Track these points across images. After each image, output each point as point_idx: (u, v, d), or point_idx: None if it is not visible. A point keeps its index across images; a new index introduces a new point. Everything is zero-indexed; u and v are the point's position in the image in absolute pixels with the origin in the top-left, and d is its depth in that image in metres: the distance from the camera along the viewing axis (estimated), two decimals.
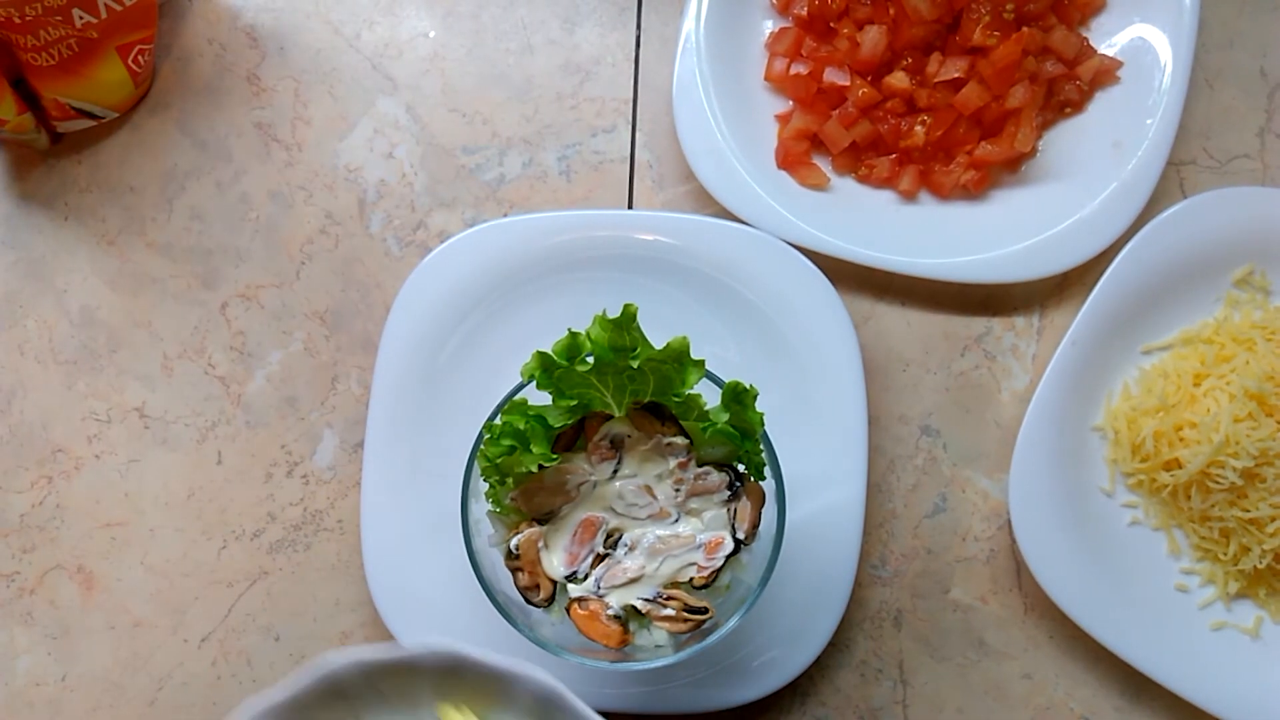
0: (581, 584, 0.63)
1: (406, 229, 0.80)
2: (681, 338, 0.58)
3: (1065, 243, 0.75)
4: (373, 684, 0.56)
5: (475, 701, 0.56)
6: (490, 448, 0.60)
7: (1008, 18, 0.76)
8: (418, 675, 0.56)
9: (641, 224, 0.75)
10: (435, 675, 0.56)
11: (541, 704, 0.55)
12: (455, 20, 0.83)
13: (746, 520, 0.62)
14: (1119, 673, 0.74)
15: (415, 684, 0.56)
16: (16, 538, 0.78)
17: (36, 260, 0.81)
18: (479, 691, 0.56)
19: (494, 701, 0.56)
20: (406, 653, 0.55)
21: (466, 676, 0.55)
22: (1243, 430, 0.69)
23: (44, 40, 0.74)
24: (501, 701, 0.56)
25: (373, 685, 0.56)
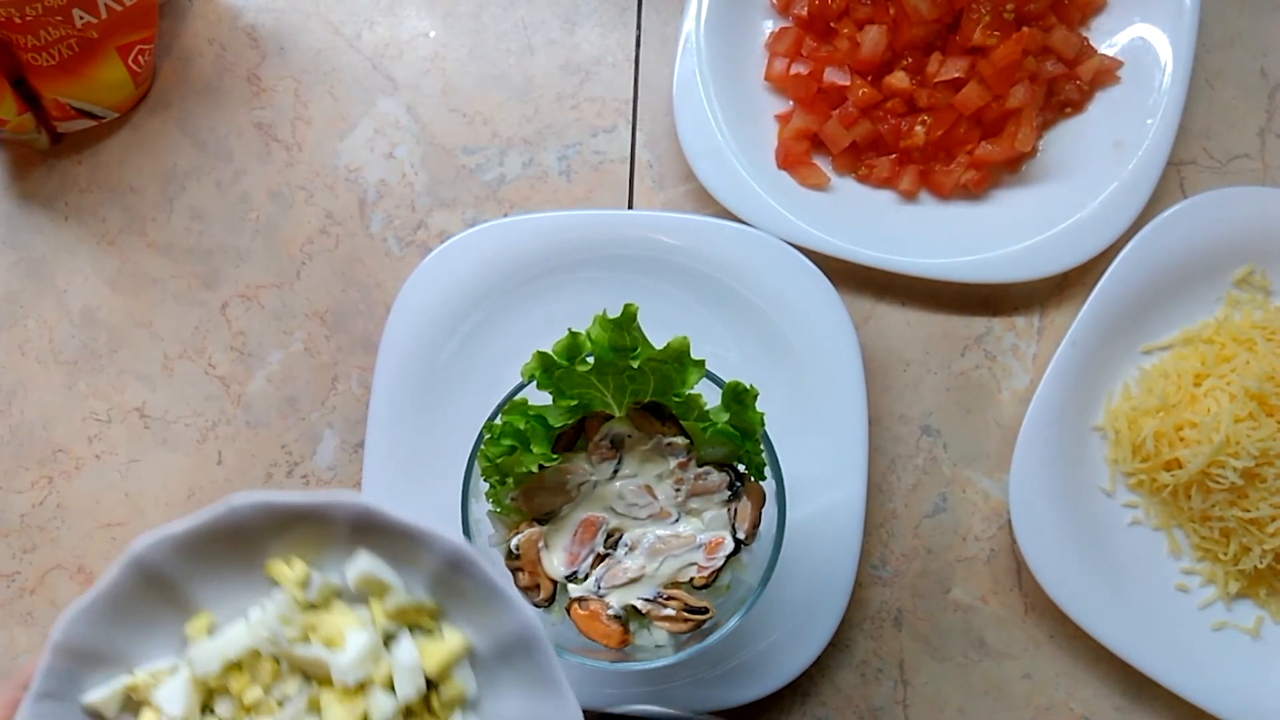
0: (582, 584, 0.63)
1: (407, 229, 0.80)
2: (682, 338, 0.58)
3: (1065, 243, 0.75)
4: (280, 529, 0.55)
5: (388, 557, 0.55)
6: (490, 448, 0.60)
7: (1008, 18, 0.76)
8: (328, 526, 0.55)
9: (642, 224, 0.75)
10: (347, 529, 0.55)
11: (450, 566, 0.54)
12: (456, 20, 0.83)
13: (747, 520, 0.62)
14: (1119, 673, 0.74)
15: (327, 535, 0.55)
16: (17, 537, 0.78)
17: (37, 260, 0.81)
18: (389, 550, 0.55)
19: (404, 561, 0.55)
20: (314, 500, 0.54)
21: (377, 533, 0.55)
22: (1243, 430, 0.69)
23: (44, 40, 0.74)
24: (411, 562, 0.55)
25: (280, 531, 0.55)
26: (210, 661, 0.55)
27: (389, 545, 0.56)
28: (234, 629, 0.56)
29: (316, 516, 0.55)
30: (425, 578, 0.56)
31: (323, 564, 0.57)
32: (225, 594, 0.57)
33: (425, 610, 0.57)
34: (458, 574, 0.55)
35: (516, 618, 0.54)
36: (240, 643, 0.55)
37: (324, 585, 0.56)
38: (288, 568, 0.56)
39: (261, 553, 0.56)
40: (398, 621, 0.56)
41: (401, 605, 0.56)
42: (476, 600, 0.55)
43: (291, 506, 0.54)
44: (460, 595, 0.55)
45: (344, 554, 0.56)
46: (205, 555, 0.55)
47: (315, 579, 0.56)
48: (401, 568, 0.56)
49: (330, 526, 0.55)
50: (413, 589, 0.56)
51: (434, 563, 0.55)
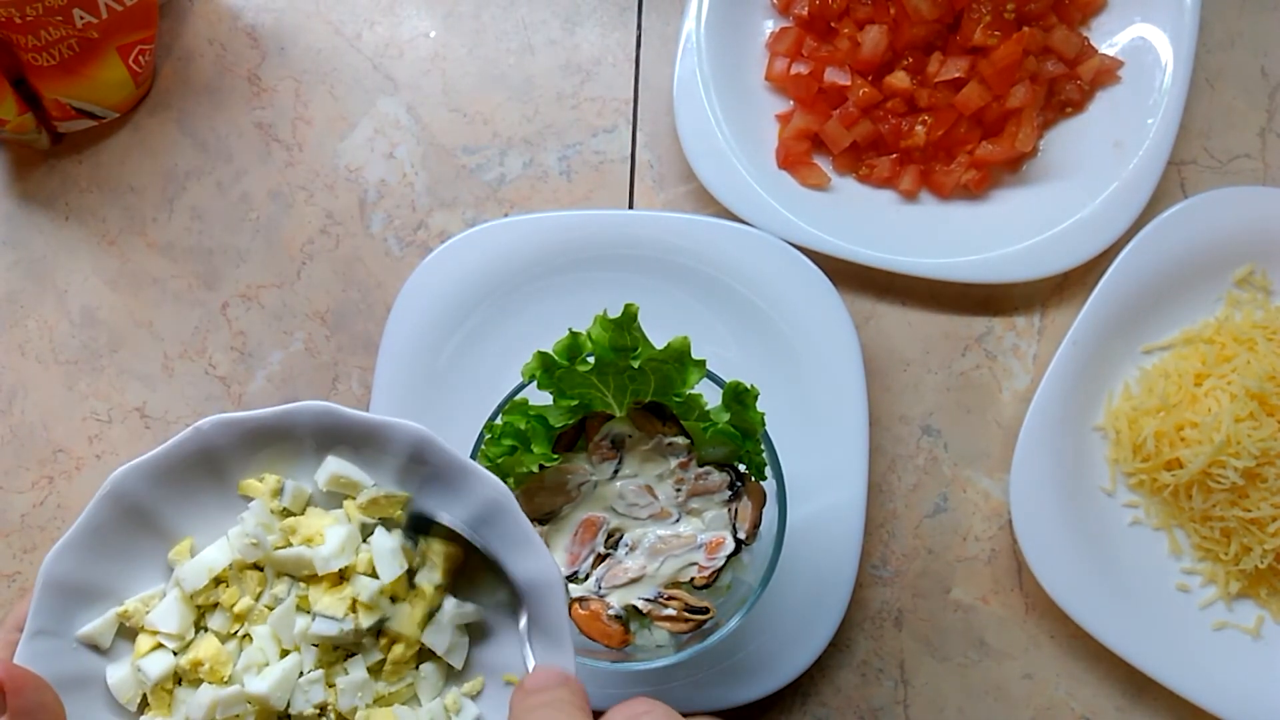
0: (582, 584, 0.63)
1: (407, 229, 0.80)
2: (682, 338, 0.58)
3: (1066, 242, 0.75)
4: (249, 449, 0.57)
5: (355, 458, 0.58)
6: (491, 448, 0.60)
7: (1008, 17, 0.76)
8: (294, 440, 0.57)
9: (642, 224, 0.75)
10: (312, 440, 0.57)
11: (414, 453, 0.57)
12: (456, 20, 0.83)
13: (747, 520, 0.62)
14: (1120, 672, 0.74)
15: (294, 449, 0.58)
16: (18, 537, 0.78)
17: (37, 260, 0.81)
18: (356, 449, 0.58)
19: (371, 457, 0.58)
20: (276, 411, 0.56)
21: (341, 437, 0.57)
22: (1244, 430, 0.69)
23: (45, 40, 0.74)
24: (378, 457, 0.58)
25: (249, 451, 0.57)
26: (198, 577, 0.57)
27: (354, 446, 0.58)
28: (216, 546, 0.58)
29: (281, 429, 0.57)
30: (392, 470, 0.58)
31: (295, 475, 0.59)
32: (204, 518, 0.58)
33: (397, 500, 0.59)
34: (422, 460, 0.57)
35: (485, 488, 0.56)
36: (224, 555, 0.57)
37: (297, 491, 0.58)
38: (259, 483, 0.58)
39: (234, 474, 0.58)
40: (372, 515, 0.58)
41: (374, 497, 0.58)
42: (444, 481, 0.57)
43: (256, 420, 0.56)
44: (429, 480, 0.58)
45: (313, 464, 0.58)
46: (179, 481, 0.57)
47: (288, 486, 0.58)
48: (368, 465, 0.58)
49: (296, 440, 0.58)
50: (382, 482, 0.58)
51: (399, 453, 0.57)
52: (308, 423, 0.57)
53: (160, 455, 0.56)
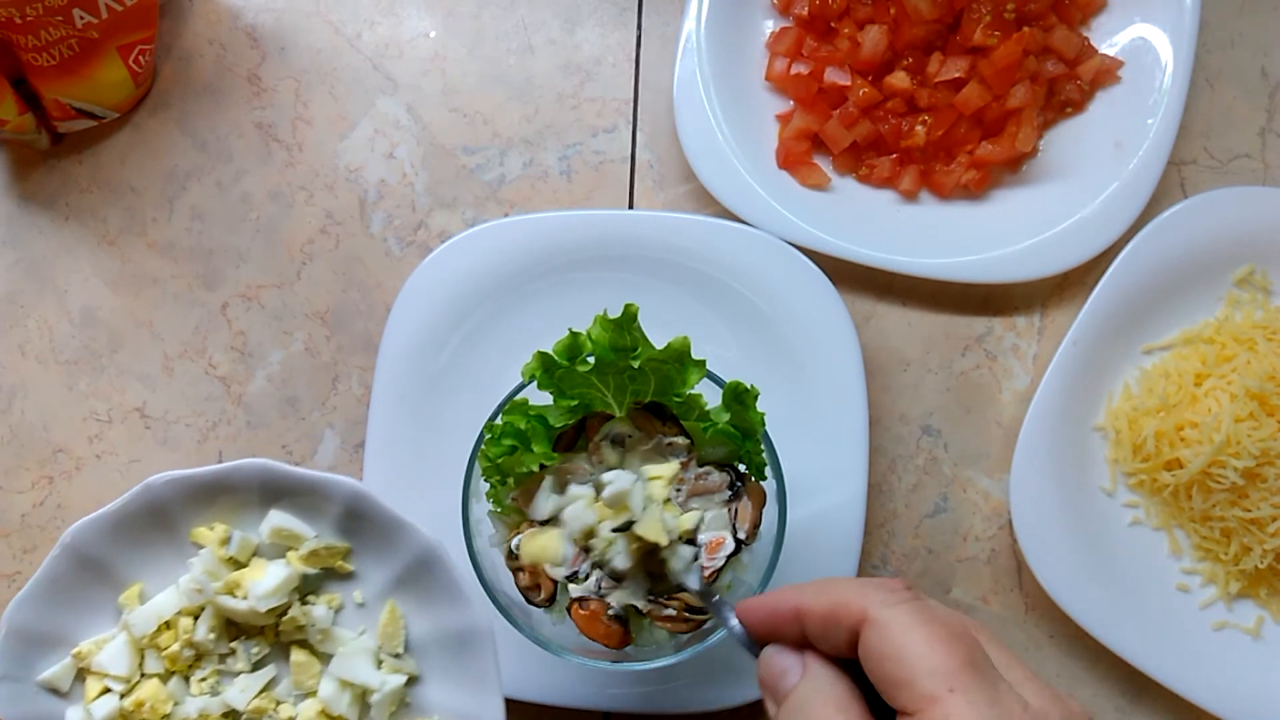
0: (582, 584, 0.62)
1: (407, 229, 0.80)
2: (682, 338, 0.58)
3: (1066, 242, 0.75)
4: (198, 503, 0.63)
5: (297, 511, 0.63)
6: (491, 448, 0.60)
7: (1008, 17, 0.76)
8: (239, 493, 0.63)
9: (642, 224, 0.75)
10: (257, 494, 0.63)
11: (351, 508, 0.62)
12: (456, 20, 0.83)
13: (748, 520, 0.62)
14: (1120, 673, 0.74)
15: (240, 502, 0.63)
16: (18, 537, 0.78)
17: (37, 260, 0.81)
18: (296, 503, 0.63)
19: (311, 513, 0.63)
20: (221, 468, 0.62)
21: (283, 491, 0.62)
22: (1244, 430, 0.69)
23: (45, 40, 0.74)
24: (317, 512, 0.63)
25: (198, 504, 0.63)
26: (147, 623, 0.62)
27: (296, 500, 0.63)
28: (166, 593, 0.63)
29: (227, 484, 0.62)
30: (332, 523, 0.63)
31: (242, 527, 0.64)
32: (154, 566, 0.64)
33: (337, 551, 0.64)
34: (359, 514, 0.62)
35: (417, 540, 0.61)
36: (173, 602, 0.62)
37: (243, 541, 0.63)
38: (209, 531, 0.63)
39: (184, 526, 0.63)
40: (313, 565, 0.64)
41: (314, 549, 0.63)
42: (380, 534, 0.62)
43: (202, 476, 0.62)
44: (366, 532, 0.63)
45: (259, 517, 0.64)
46: (131, 534, 0.63)
47: (235, 536, 0.63)
48: (310, 518, 0.64)
49: (241, 493, 0.63)
50: (323, 534, 0.64)
51: (337, 508, 0.62)
52: (251, 478, 0.62)
53: (113, 510, 0.61)
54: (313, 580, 0.64)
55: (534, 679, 0.71)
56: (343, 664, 0.65)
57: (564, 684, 0.72)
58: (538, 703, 0.72)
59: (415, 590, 0.63)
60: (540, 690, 0.71)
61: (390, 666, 0.66)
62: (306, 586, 0.64)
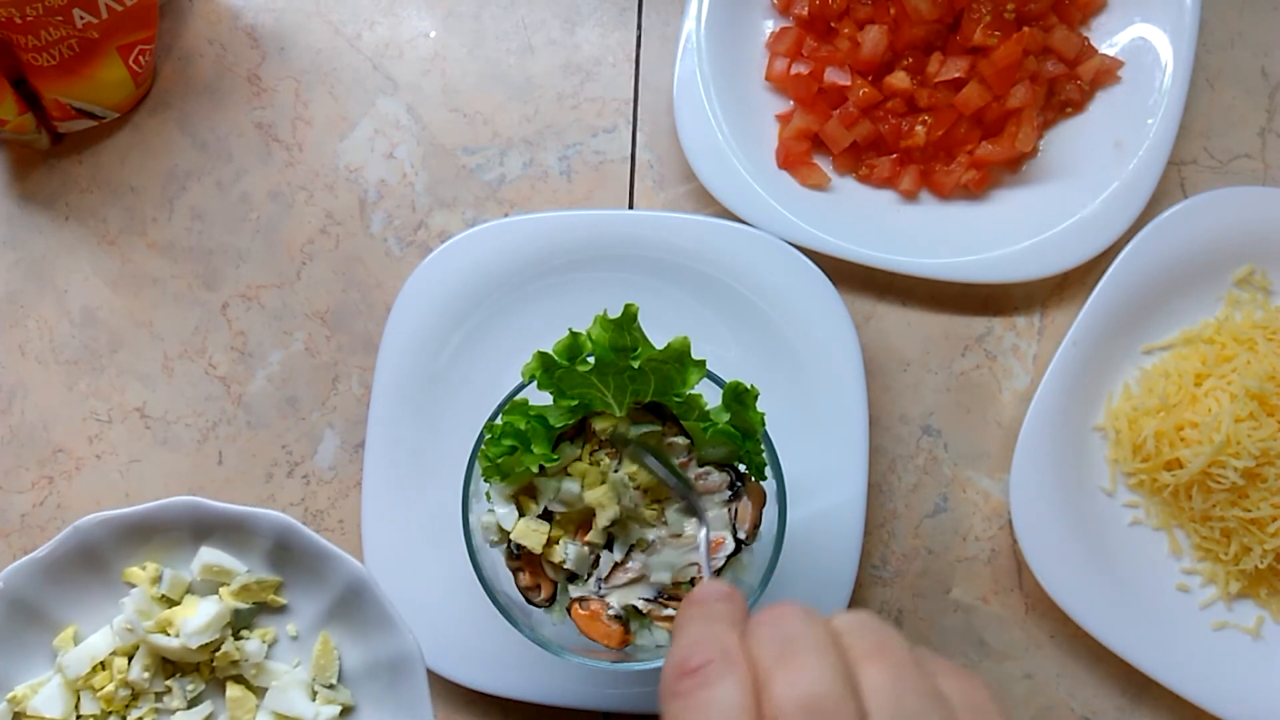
0: (583, 584, 0.63)
1: (407, 229, 0.80)
2: (683, 338, 0.58)
3: (1066, 242, 0.75)
4: (129, 542, 0.63)
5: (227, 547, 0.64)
6: (491, 448, 0.60)
7: (1008, 17, 0.76)
8: (169, 531, 0.63)
9: (642, 224, 0.75)
10: (188, 531, 0.63)
11: (280, 541, 0.62)
12: (456, 20, 0.83)
13: (747, 520, 0.62)
14: (1120, 673, 0.74)
15: (172, 541, 0.63)
16: (18, 538, 0.78)
17: (37, 260, 0.81)
18: (227, 539, 0.63)
19: (241, 547, 0.64)
20: (149, 507, 0.62)
21: (212, 527, 0.63)
22: (1244, 430, 0.69)
23: (45, 40, 0.74)
24: (248, 545, 0.63)
25: (129, 544, 0.63)
26: (80, 664, 0.62)
27: (225, 536, 0.64)
28: (99, 634, 0.63)
29: (157, 522, 0.63)
30: (263, 556, 0.64)
31: (174, 565, 0.64)
32: (88, 607, 0.64)
33: (269, 585, 0.65)
34: (289, 546, 0.63)
35: (347, 570, 0.62)
36: (106, 642, 0.63)
37: (175, 579, 0.64)
38: (141, 570, 0.63)
39: (116, 565, 0.64)
40: (245, 599, 0.64)
41: (246, 584, 0.64)
42: (311, 565, 0.63)
43: (132, 516, 0.62)
44: (296, 564, 0.63)
45: (191, 554, 0.64)
46: (63, 576, 0.63)
47: (166, 574, 0.63)
48: (241, 553, 0.64)
49: (172, 531, 0.63)
50: (255, 569, 0.64)
51: (266, 542, 0.63)
52: (180, 516, 0.63)
53: (43, 553, 0.62)
54: (245, 615, 0.65)
55: (534, 679, 0.71)
56: (277, 697, 0.65)
57: (564, 684, 0.72)
58: (538, 703, 0.72)
59: (347, 620, 0.64)
60: (540, 690, 0.71)
61: (324, 698, 0.66)
62: (240, 621, 0.65)
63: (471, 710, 0.74)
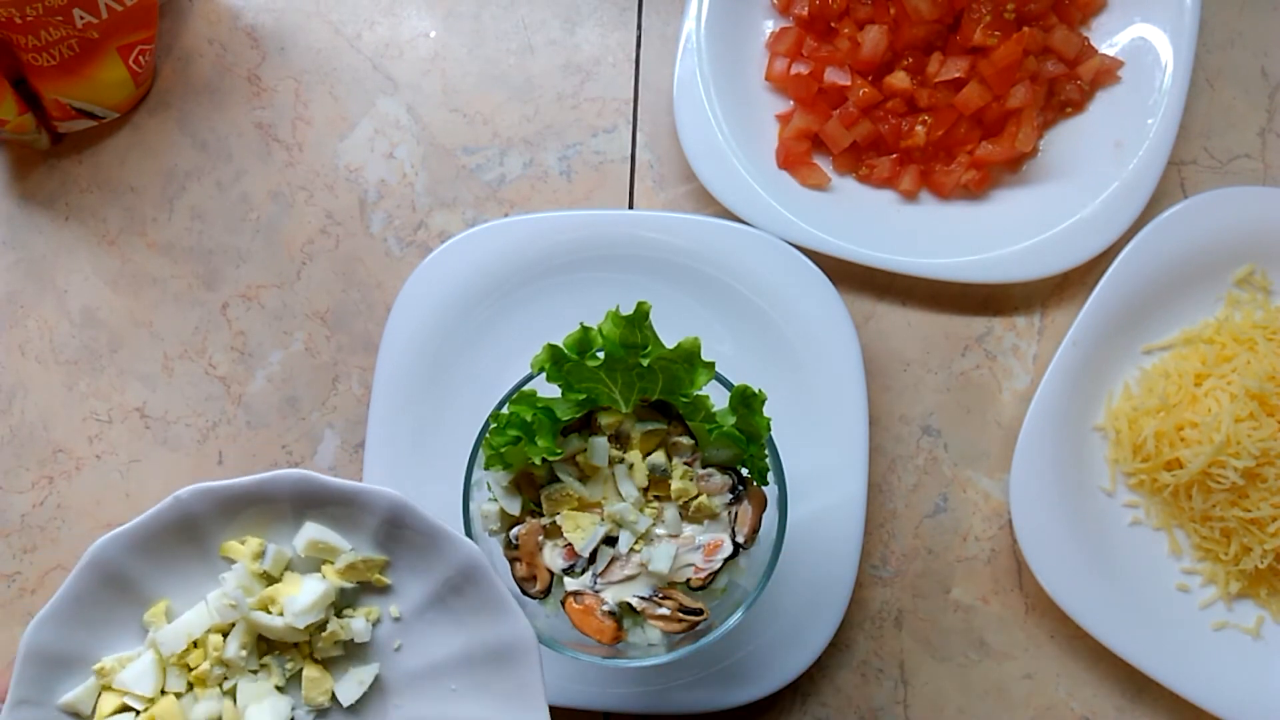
0: (578, 578, 0.63)
1: (407, 229, 0.80)
2: (693, 338, 0.58)
3: (1066, 242, 0.75)
4: (228, 515, 0.59)
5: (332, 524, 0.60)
6: (495, 437, 0.60)
7: (1008, 18, 0.76)
8: (272, 504, 0.59)
9: (642, 224, 0.75)
10: (290, 505, 0.59)
11: (391, 519, 0.59)
12: (456, 20, 0.83)
13: (747, 524, 0.62)
14: (1120, 672, 0.74)
15: (273, 514, 0.60)
16: (18, 537, 0.78)
17: (37, 260, 0.81)
18: (333, 515, 0.60)
19: (348, 523, 0.60)
20: (255, 479, 0.58)
21: (319, 502, 0.59)
22: (1244, 430, 0.69)
23: (45, 41, 0.74)
24: (356, 521, 0.60)
25: (228, 517, 0.59)
26: (176, 641, 0.58)
27: (332, 512, 0.60)
28: (195, 610, 0.59)
29: (260, 496, 0.59)
30: (370, 535, 0.60)
31: (274, 539, 0.60)
32: (183, 582, 0.60)
33: (375, 564, 0.61)
34: (399, 525, 0.59)
35: (460, 552, 0.58)
36: (203, 619, 0.59)
37: (277, 555, 0.60)
38: (241, 545, 0.60)
39: (214, 540, 0.60)
40: (350, 579, 0.60)
41: (351, 562, 0.60)
42: (421, 545, 0.59)
43: (235, 488, 0.58)
44: (406, 544, 0.60)
45: (292, 530, 0.60)
46: (159, 549, 0.59)
47: (270, 549, 0.60)
48: (346, 530, 0.60)
49: (275, 504, 0.59)
50: (360, 547, 0.60)
51: (375, 519, 0.59)
52: (286, 490, 0.59)
53: (140, 524, 0.58)
54: (349, 594, 0.62)
55: None
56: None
57: (563, 684, 0.72)
58: None
59: (455, 602, 0.60)
60: None
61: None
62: (342, 601, 0.61)
63: None
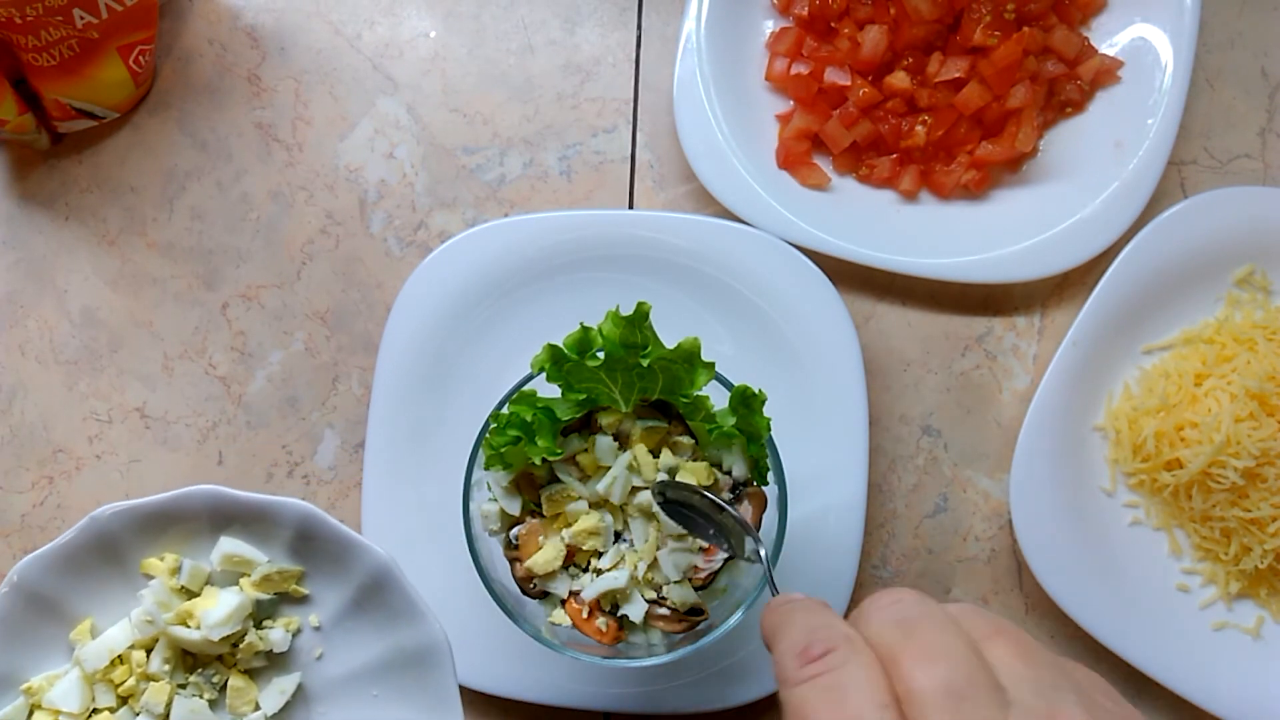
0: (579, 578, 0.62)
1: (407, 229, 0.80)
2: (693, 339, 0.58)
3: (1066, 242, 0.75)
4: (146, 533, 0.61)
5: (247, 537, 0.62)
6: (495, 437, 0.60)
7: (1008, 18, 0.76)
8: (188, 521, 0.61)
9: (642, 224, 0.75)
10: (206, 521, 0.61)
11: (302, 530, 0.60)
12: (456, 20, 0.83)
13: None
14: (1120, 672, 0.74)
15: (190, 531, 0.61)
16: (18, 538, 0.78)
17: (37, 260, 0.81)
18: (247, 529, 0.61)
19: (262, 535, 0.62)
20: (168, 496, 0.60)
21: (232, 517, 0.61)
22: (1244, 430, 0.69)
23: (45, 41, 0.74)
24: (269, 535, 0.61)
25: (147, 534, 0.61)
26: (99, 657, 0.60)
27: (246, 526, 0.61)
28: (117, 626, 0.61)
29: (175, 513, 0.60)
30: (285, 546, 0.62)
31: (193, 555, 0.62)
32: (106, 600, 0.62)
33: (290, 575, 0.63)
34: (310, 535, 0.61)
35: (370, 559, 0.60)
36: (125, 635, 0.61)
37: (194, 570, 0.62)
38: (159, 561, 0.61)
39: (134, 557, 0.62)
40: (266, 590, 0.62)
41: (267, 574, 0.62)
42: (334, 554, 0.61)
43: (148, 506, 0.60)
44: (320, 553, 0.61)
45: (210, 544, 0.62)
46: (79, 568, 0.61)
47: (186, 565, 0.61)
48: (262, 543, 0.62)
49: (190, 521, 0.61)
50: (276, 558, 0.62)
51: (288, 531, 0.61)
52: (200, 505, 0.60)
53: (59, 545, 0.59)
54: (267, 606, 0.63)
55: (534, 679, 0.71)
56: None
57: (564, 684, 0.72)
58: (538, 703, 0.72)
59: (371, 608, 0.62)
60: (540, 690, 0.72)
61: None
62: (261, 612, 0.63)
63: (472, 710, 0.74)
